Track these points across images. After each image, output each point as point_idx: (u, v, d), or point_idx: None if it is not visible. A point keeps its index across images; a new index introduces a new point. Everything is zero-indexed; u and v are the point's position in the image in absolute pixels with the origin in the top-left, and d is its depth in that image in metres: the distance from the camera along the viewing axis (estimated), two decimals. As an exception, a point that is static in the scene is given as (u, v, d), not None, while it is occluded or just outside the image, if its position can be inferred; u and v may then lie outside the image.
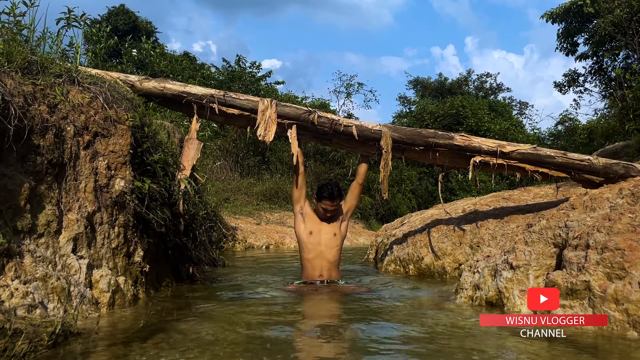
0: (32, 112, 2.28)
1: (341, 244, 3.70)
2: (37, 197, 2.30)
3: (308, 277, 3.62)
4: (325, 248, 3.60)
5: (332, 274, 3.61)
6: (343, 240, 3.72)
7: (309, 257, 3.61)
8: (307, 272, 3.63)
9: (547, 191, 4.80)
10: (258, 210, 11.71)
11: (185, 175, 3.32)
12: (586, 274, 2.22)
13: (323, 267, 3.59)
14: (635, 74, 10.44)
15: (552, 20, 15.43)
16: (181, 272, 3.76)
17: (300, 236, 3.67)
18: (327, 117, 3.70)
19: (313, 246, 3.60)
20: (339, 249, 3.68)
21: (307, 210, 3.69)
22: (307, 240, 3.62)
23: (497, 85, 29.26)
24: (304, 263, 3.67)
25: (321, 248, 3.59)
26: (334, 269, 3.64)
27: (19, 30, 2.74)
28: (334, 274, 3.63)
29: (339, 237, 3.67)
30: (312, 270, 3.60)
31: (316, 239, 3.61)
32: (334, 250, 3.63)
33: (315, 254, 3.59)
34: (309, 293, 3.34)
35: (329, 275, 3.60)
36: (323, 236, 3.62)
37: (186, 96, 3.55)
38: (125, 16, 19.53)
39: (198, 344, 1.94)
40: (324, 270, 3.59)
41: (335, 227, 3.67)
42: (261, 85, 19.07)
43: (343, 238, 3.72)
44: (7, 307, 1.90)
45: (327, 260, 3.60)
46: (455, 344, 1.99)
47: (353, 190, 3.83)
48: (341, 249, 3.72)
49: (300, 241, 3.68)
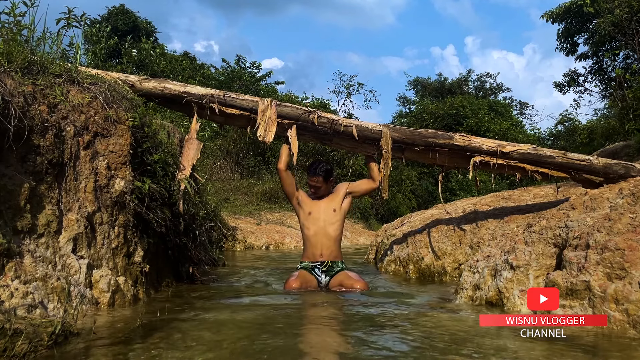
0: (32, 112, 2.28)
1: (342, 221, 3.72)
2: (37, 197, 2.30)
3: (309, 257, 3.64)
4: (325, 223, 3.64)
5: (332, 253, 3.63)
6: (344, 218, 3.74)
7: (310, 233, 3.65)
8: (307, 252, 3.66)
9: (547, 191, 4.80)
10: (258, 210, 11.71)
11: (185, 175, 3.32)
12: (586, 274, 2.22)
13: (324, 245, 3.61)
14: (635, 74, 10.44)
15: (552, 20, 15.43)
16: (181, 272, 3.76)
17: (301, 220, 3.73)
18: (327, 117, 3.70)
19: (313, 222, 3.65)
20: (340, 225, 3.71)
21: (302, 197, 3.75)
22: (308, 219, 3.67)
23: (497, 85, 29.29)
24: (305, 242, 3.71)
25: (321, 223, 3.64)
26: (335, 248, 3.65)
27: (19, 30, 2.73)
28: (334, 252, 3.64)
29: (339, 212, 3.70)
30: (312, 248, 3.63)
31: (316, 215, 3.66)
32: (335, 225, 3.66)
33: (315, 229, 3.64)
34: (308, 293, 3.34)
35: (330, 254, 3.61)
36: (322, 213, 3.66)
37: (186, 96, 3.55)
38: (125, 16, 19.54)
39: (198, 344, 1.94)
40: (324, 248, 3.61)
41: (335, 203, 3.71)
42: (261, 85, 19.07)
43: (344, 215, 3.74)
44: (7, 307, 1.90)
45: (327, 236, 3.62)
46: (455, 344, 1.99)
47: (366, 183, 3.87)
48: (342, 226, 3.74)
49: (302, 224, 3.73)
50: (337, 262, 3.64)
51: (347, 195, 3.77)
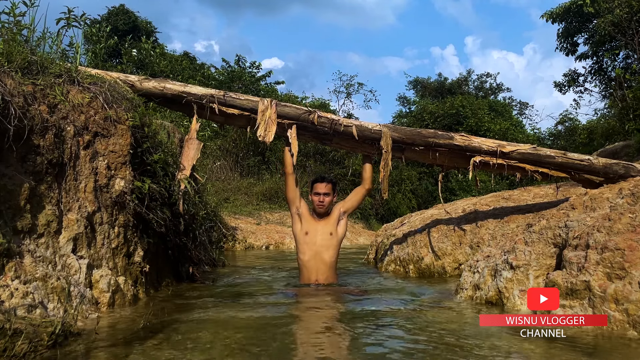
0: (32, 112, 2.28)
1: (338, 245, 3.63)
2: (37, 197, 2.30)
3: (304, 281, 3.57)
4: (321, 248, 3.55)
5: (328, 278, 3.55)
6: (340, 242, 3.66)
7: (305, 258, 3.56)
8: (303, 276, 3.59)
9: (547, 191, 4.80)
10: (258, 210, 11.71)
11: (185, 175, 3.32)
12: (586, 274, 2.22)
13: (319, 270, 3.53)
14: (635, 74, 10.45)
15: (552, 20, 15.43)
16: (181, 272, 3.76)
17: (296, 236, 3.64)
18: (327, 117, 3.70)
19: (309, 246, 3.56)
20: (336, 250, 3.62)
21: (303, 210, 3.64)
22: (303, 240, 3.58)
23: (497, 85, 29.29)
24: (300, 266, 3.63)
25: (317, 248, 3.55)
26: (331, 273, 3.57)
27: (19, 30, 2.73)
28: (330, 277, 3.57)
29: (336, 237, 3.60)
30: (307, 273, 3.55)
31: (312, 239, 3.56)
32: (331, 251, 3.57)
33: (310, 254, 3.55)
34: (307, 293, 3.33)
35: (326, 279, 3.54)
36: (319, 236, 3.57)
37: (186, 96, 3.55)
38: (125, 16, 19.54)
39: (198, 344, 1.94)
40: (320, 273, 3.53)
41: (332, 226, 3.61)
42: (261, 85, 19.07)
43: (340, 239, 3.66)
44: (7, 307, 1.90)
45: (323, 261, 3.54)
46: (455, 344, 1.99)
47: (357, 193, 3.78)
48: (338, 250, 3.65)
49: (297, 241, 3.64)
50: (333, 284, 3.59)
51: (342, 216, 3.68)
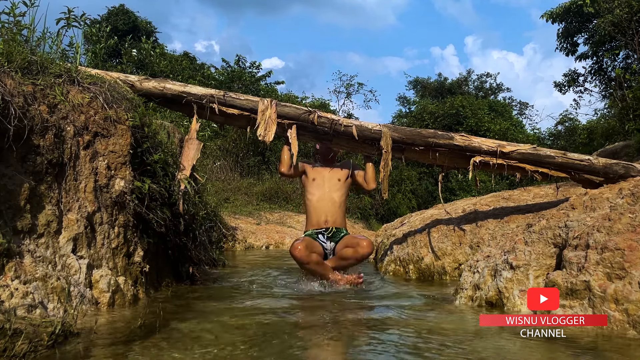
0: (32, 112, 2.28)
1: (346, 191, 3.70)
2: (37, 197, 2.30)
3: (313, 225, 3.61)
4: (329, 189, 3.63)
5: (337, 220, 3.60)
6: (347, 190, 3.74)
7: (314, 199, 3.63)
8: (312, 220, 3.62)
9: (547, 191, 4.80)
10: (258, 210, 11.70)
11: (185, 175, 3.32)
12: (586, 274, 2.22)
13: (328, 211, 3.59)
14: (635, 74, 10.45)
15: (552, 20, 15.42)
16: (181, 272, 3.76)
17: (305, 187, 3.72)
18: (327, 117, 3.70)
19: (317, 188, 3.63)
20: (344, 194, 3.69)
21: (306, 167, 3.75)
22: (311, 185, 3.66)
23: (497, 85, 29.28)
24: (308, 210, 3.68)
25: (325, 189, 3.63)
26: (340, 214, 3.62)
27: (19, 30, 2.73)
28: (339, 219, 3.61)
29: (343, 184, 3.68)
30: (316, 215, 3.60)
31: (320, 183, 3.66)
32: (339, 192, 3.64)
33: (319, 194, 3.62)
34: (308, 294, 3.34)
35: (334, 221, 3.58)
36: (326, 180, 3.66)
37: (186, 96, 3.55)
38: (125, 16, 19.53)
39: (198, 344, 1.94)
40: (329, 214, 3.58)
41: (340, 174, 3.70)
42: (261, 85, 19.06)
43: (348, 188, 3.74)
44: (7, 307, 1.90)
45: (332, 201, 3.60)
46: (454, 344, 1.99)
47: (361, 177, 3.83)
48: (346, 196, 3.72)
49: (305, 190, 3.72)
50: (342, 229, 3.61)
51: (350, 177, 3.77)
